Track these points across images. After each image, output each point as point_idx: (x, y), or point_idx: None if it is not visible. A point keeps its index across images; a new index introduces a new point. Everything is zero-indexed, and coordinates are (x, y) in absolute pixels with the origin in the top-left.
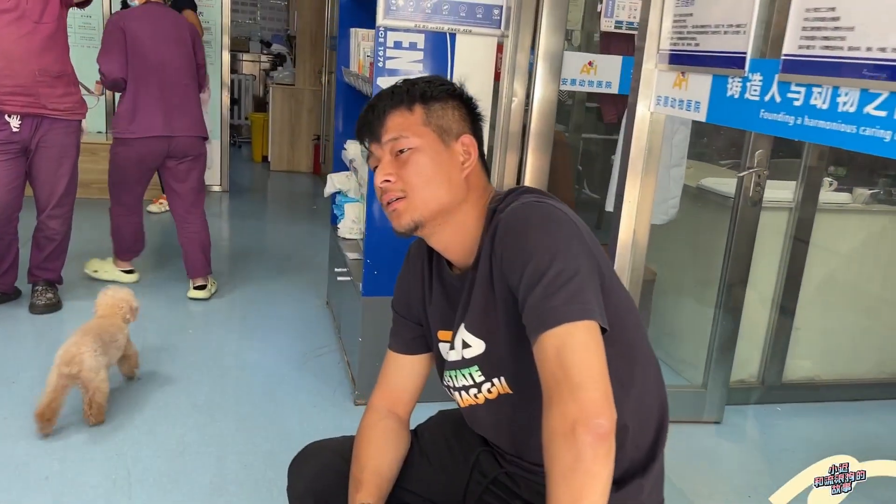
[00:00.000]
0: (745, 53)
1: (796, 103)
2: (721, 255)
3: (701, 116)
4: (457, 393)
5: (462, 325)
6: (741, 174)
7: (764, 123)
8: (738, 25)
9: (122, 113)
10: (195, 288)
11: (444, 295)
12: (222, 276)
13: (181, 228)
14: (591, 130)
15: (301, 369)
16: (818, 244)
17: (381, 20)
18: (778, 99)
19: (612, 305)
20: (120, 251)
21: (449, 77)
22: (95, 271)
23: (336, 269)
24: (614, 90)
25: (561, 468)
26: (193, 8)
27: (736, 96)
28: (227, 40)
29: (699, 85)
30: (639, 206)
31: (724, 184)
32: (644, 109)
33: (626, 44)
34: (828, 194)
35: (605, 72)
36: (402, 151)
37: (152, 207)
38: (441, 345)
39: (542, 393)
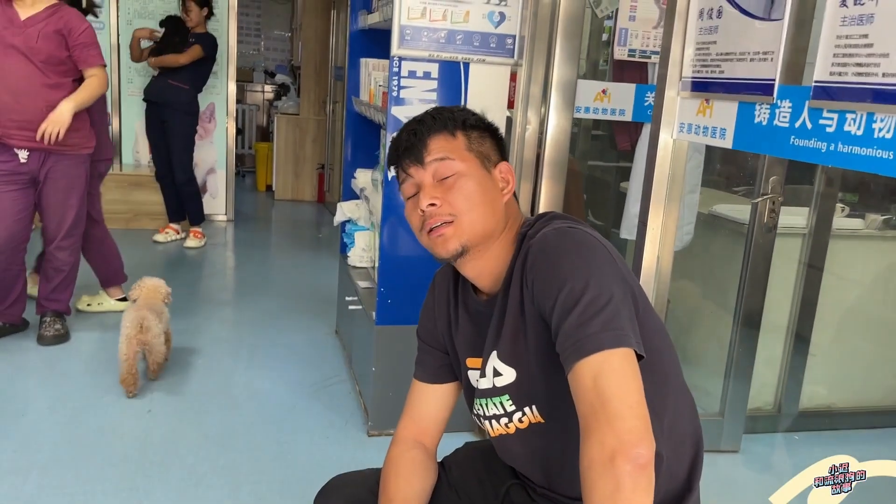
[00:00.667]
0: (773, 80)
1: (829, 129)
2: (735, 281)
3: (727, 143)
4: (487, 422)
5: (494, 353)
6: (755, 200)
7: (795, 150)
8: (765, 53)
9: (95, 134)
10: (120, 300)
11: (470, 322)
12: (229, 305)
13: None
14: (598, 158)
15: (312, 399)
16: (832, 271)
17: (395, 50)
18: (809, 125)
19: (646, 333)
20: (110, 278)
21: (463, 105)
22: (88, 305)
23: (347, 298)
24: (628, 118)
25: (600, 498)
26: (208, 46)
27: (764, 123)
28: (233, 71)
29: (725, 112)
30: (662, 233)
31: (738, 210)
32: (667, 137)
33: (638, 72)
34: (840, 220)
35: (619, 100)
36: (446, 178)
37: (158, 237)
38: (470, 372)
39: (574, 422)
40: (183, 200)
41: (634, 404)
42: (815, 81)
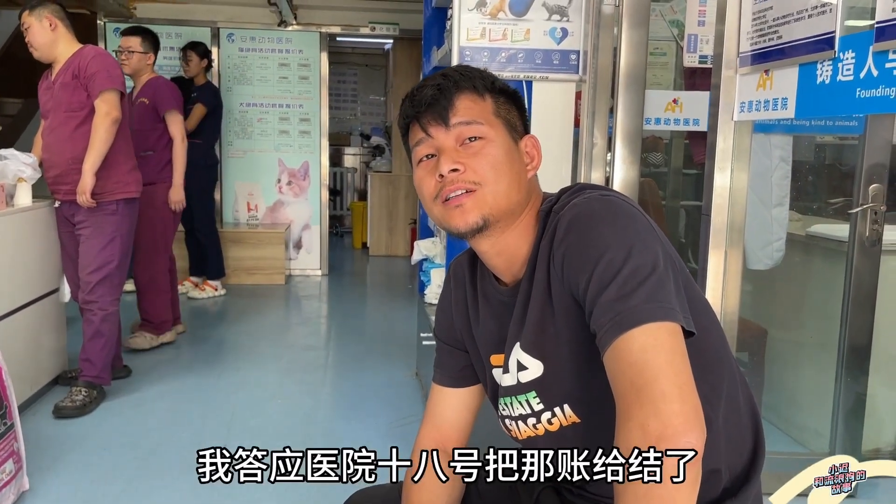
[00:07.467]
0: (833, 32)
1: None
2: (838, 307)
3: (789, 113)
4: (514, 424)
5: (517, 344)
6: (853, 211)
7: (861, 104)
8: (823, 5)
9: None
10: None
11: (492, 315)
12: (314, 350)
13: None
14: (693, 197)
15: (385, 438)
16: None
17: None
18: (875, 72)
19: (693, 308)
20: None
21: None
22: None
23: (422, 335)
24: (702, 127)
25: (635, 492)
26: (209, 100)
27: (827, 81)
28: (325, 130)
29: (785, 79)
30: (729, 229)
31: (836, 229)
32: (727, 119)
33: (711, 79)
34: None
35: (692, 109)
36: (471, 139)
37: (191, 293)
38: (494, 371)
39: (615, 418)
40: (207, 253)
41: (685, 385)
42: (877, 23)
